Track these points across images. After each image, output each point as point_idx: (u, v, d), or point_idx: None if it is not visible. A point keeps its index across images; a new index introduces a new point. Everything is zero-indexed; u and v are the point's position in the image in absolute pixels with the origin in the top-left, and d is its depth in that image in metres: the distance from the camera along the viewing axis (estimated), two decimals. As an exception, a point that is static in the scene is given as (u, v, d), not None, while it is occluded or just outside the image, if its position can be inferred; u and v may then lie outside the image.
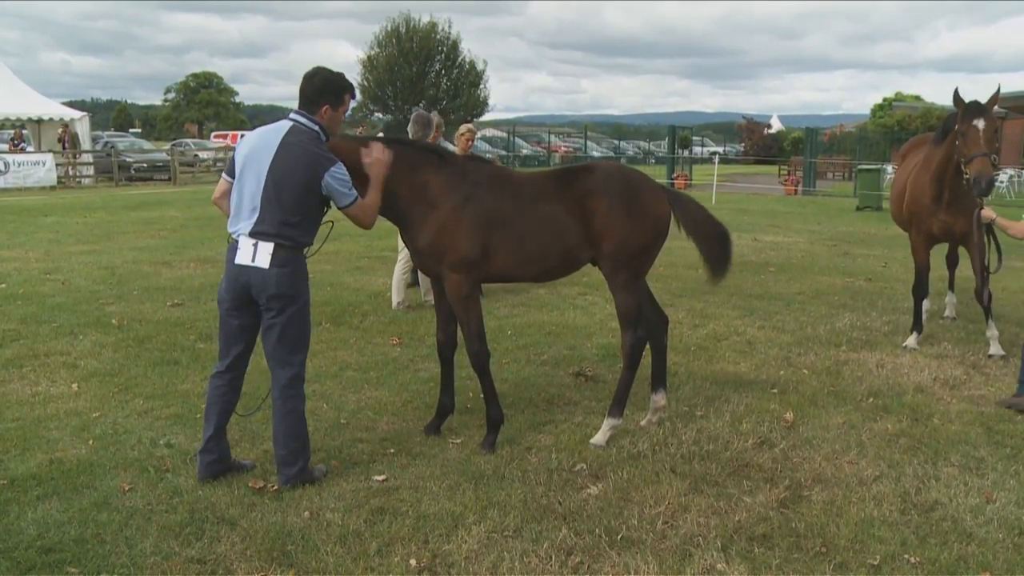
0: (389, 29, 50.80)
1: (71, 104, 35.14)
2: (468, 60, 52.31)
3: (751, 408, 5.62)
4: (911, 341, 7.30)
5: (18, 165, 25.33)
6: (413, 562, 3.60)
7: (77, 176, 28.28)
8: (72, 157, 28.08)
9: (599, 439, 4.98)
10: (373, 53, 50.93)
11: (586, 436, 5.06)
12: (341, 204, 4.23)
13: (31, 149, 27.99)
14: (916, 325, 7.40)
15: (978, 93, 6.22)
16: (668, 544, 3.80)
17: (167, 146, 39.59)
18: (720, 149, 56.81)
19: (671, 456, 4.79)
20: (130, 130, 66.87)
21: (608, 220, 4.80)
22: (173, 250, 12.67)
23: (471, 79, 52.26)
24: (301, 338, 4.29)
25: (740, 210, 21.21)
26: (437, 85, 51.31)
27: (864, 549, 3.79)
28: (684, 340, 7.38)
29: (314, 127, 4.25)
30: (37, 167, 25.69)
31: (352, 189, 4.24)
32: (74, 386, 5.94)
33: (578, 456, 4.77)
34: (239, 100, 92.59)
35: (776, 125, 63.08)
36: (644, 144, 60.38)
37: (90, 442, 4.89)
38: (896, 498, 4.31)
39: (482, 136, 45.40)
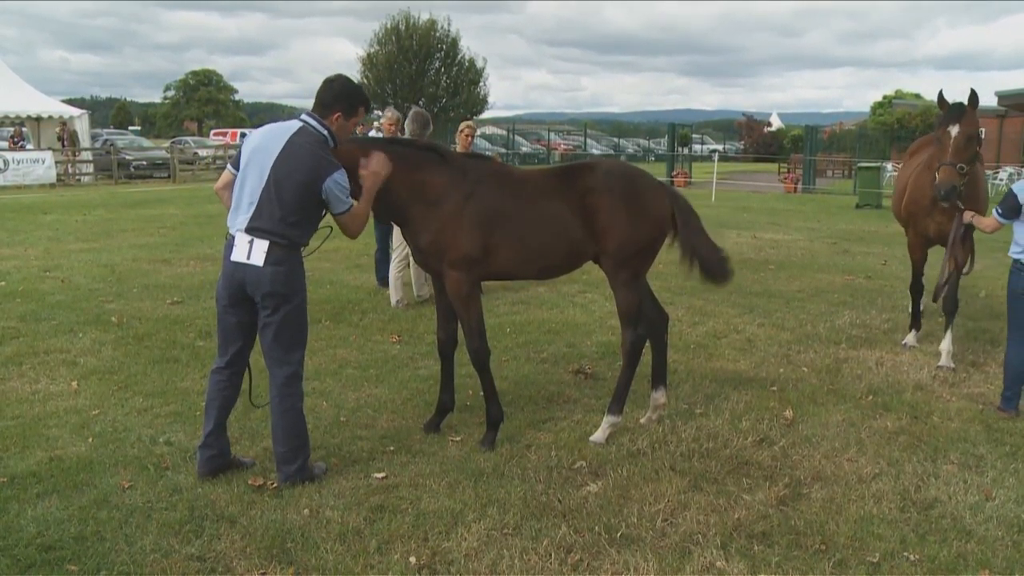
0: (388, 27, 50.74)
1: (71, 102, 35.15)
2: (468, 58, 52.27)
3: (751, 406, 5.62)
4: (910, 339, 7.33)
5: (17, 163, 25.28)
6: (413, 560, 3.60)
7: (76, 174, 28.24)
8: (71, 155, 28.05)
9: (599, 437, 4.98)
10: (372, 51, 50.86)
11: (586, 434, 5.06)
12: (336, 211, 4.24)
13: (30, 147, 27.96)
14: (914, 323, 7.43)
15: (979, 91, 6.19)
16: (668, 542, 3.81)
17: (166, 144, 39.57)
18: (720, 147, 56.81)
19: (671, 454, 4.79)
20: (129, 128, 66.80)
21: (610, 218, 4.80)
22: (172, 248, 12.67)
23: (471, 77, 52.21)
24: (298, 337, 4.28)
25: (740, 208, 21.22)
26: (437, 83, 51.26)
27: (863, 547, 3.79)
28: (684, 338, 7.38)
29: (323, 131, 4.25)
30: (36, 165, 25.65)
31: (349, 197, 4.25)
32: (74, 384, 5.94)
33: (578, 454, 4.77)
34: (238, 98, 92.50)
35: (776, 123, 63.11)
36: (644, 142, 60.32)
37: (90, 440, 4.90)
38: (895, 496, 4.31)
39: (482, 134, 45.36)
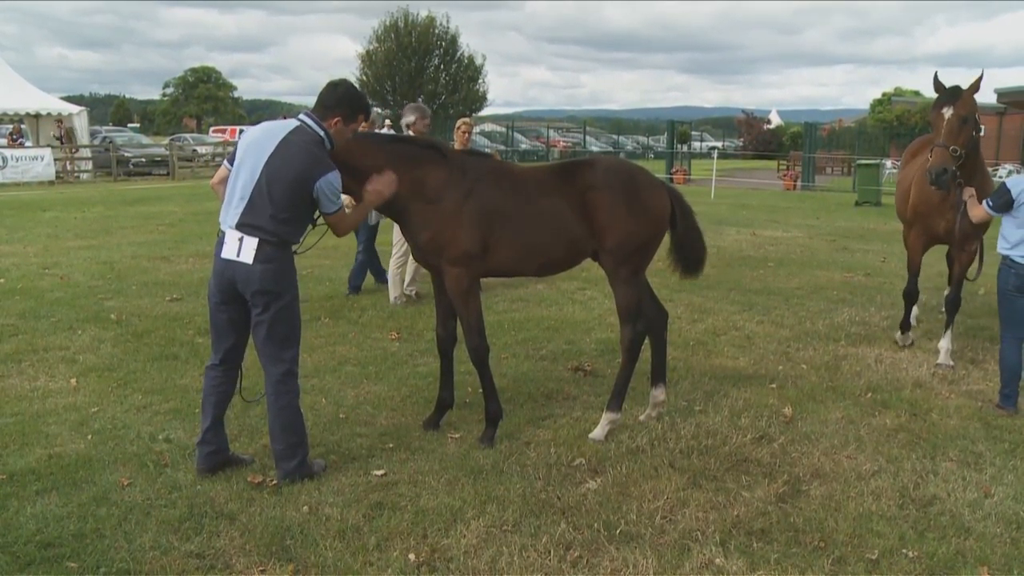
0: (388, 24, 50.72)
1: (70, 99, 35.01)
2: (467, 55, 52.25)
3: (750, 403, 5.63)
4: (900, 337, 7.29)
5: (16, 160, 25.25)
6: (412, 556, 3.60)
7: (75, 171, 28.20)
8: (69, 152, 27.99)
9: (598, 434, 4.98)
10: (372, 48, 50.83)
11: (585, 431, 5.06)
12: (325, 211, 4.24)
13: (29, 144, 27.92)
14: (905, 324, 7.37)
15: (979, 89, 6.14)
16: (667, 538, 3.81)
17: (166, 141, 39.47)
18: (719, 144, 56.76)
19: (670, 451, 4.79)
20: (128, 125, 66.66)
21: (610, 215, 4.80)
22: (172, 245, 12.66)
23: (470, 74, 52.18)
24: (290, 334, 4.25)
25: (739, 205, 21.21)
26: (436, 80, 51.23)
27: (862, 543, 3.80)
28: (683, 335, 7.38)
29: (320, 132, 4.23)
30: (35, 162, 25.62)
31: (340, 199, 4.25)
32: (73, 381, 5.94)
33: (577, 451, 4.77)
34: (237, 95, 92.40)
35: (775, 120, 63.09)
36: (643, 139, 60.28)
37: (89, 437, 4.90)
38: (894, 493, 4.32)
39: (481, 131, 45.29)
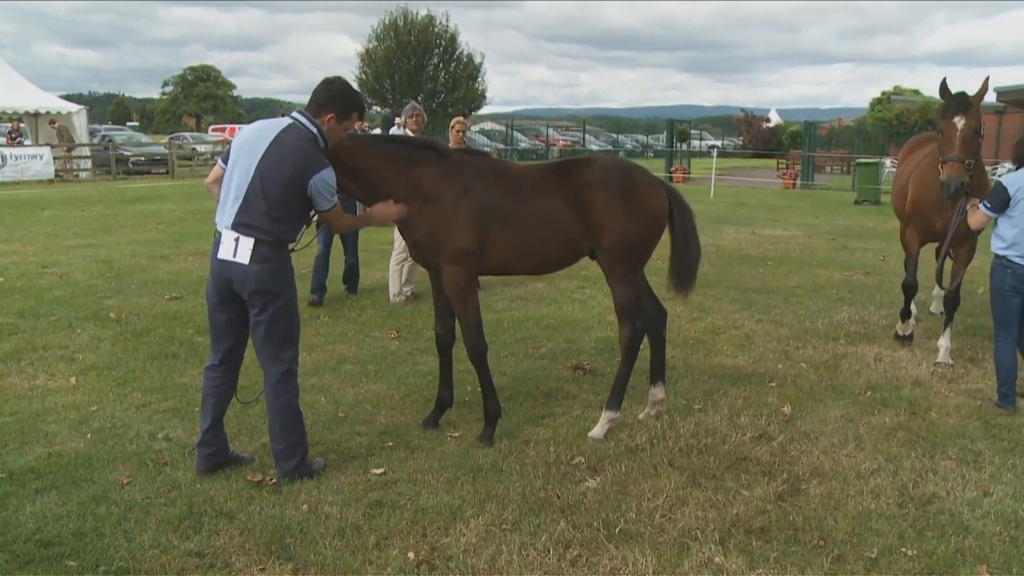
0: (387, 22, 50.69)
1: (69, 97, 34.95)
2: (466, 53, 52.22)
3: (749, 401, 5.63)
4: (902, 328, 7.28)
5: (15, 159, 25.23)
6: (411, 555, 3.61)
7: (74, 170, 28.17)
8: (65, 151, 27.88)
9: (597, 432, 4.98)
10: (371, 46, 50.81)
11: (584, 429, 5.07)
12: (320, 208, 4.22)
13: (28, 143, 27.89)
14: (905, 313, 7.35)
15: (977, 86, 6.14)
16: (666, 537, 3.81)
17: (165, 139, 39.45)
18: (718, 143, 56.75)
19: (669, 449, 4.80)
20: (128, 123, 66.64)
21: (606, 213, 4.80)
22: (171, 244, 12.65)
23: (469, 72, 52.16)
24: (288, 334, 4.24)
25: (738, 204, 21.22)
26: (435, 78, 51.21)
27: (862, 542, 3.80)
28: (682, 333, 7.38)
29: (312, 129, 4.21)
30: (34, 160, 25.60)
31: (335, 196, 4.22)
32: (72, 380, 5.93)
33: (576, 449, 4.77)
34: (237, 93, 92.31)
35: (774, 119, 63.08)
36: (642, 138, 60.27)
37: (88, 435, 4.90)
38: (894, 491, 4.32)
39: (480, 130, 45.26)
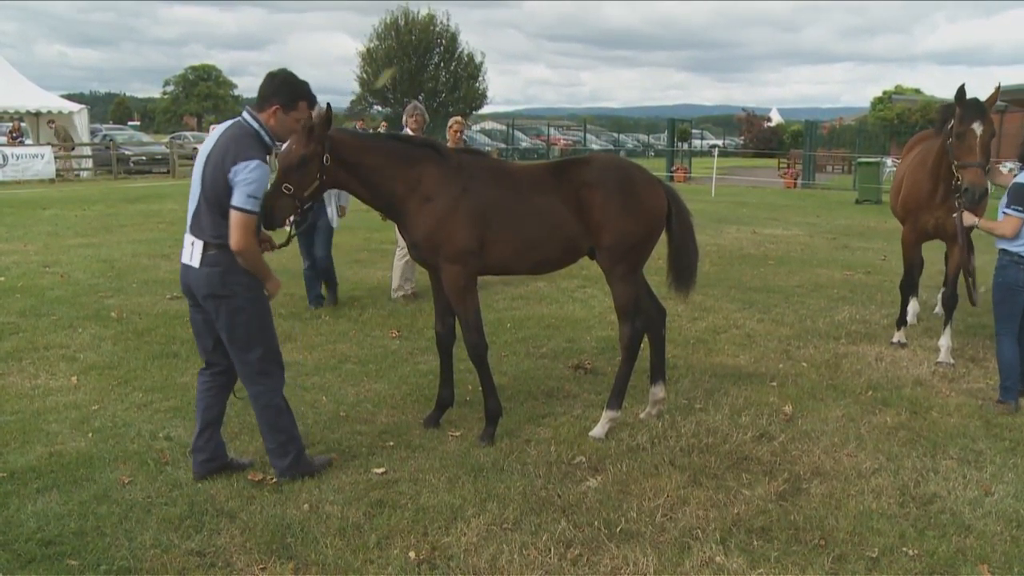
0: (388, 21, 50.65)
1: (70, 97, 34.95)
2: (467, 53, 52.19)
3: (750, 401, 5.63)
4: (898, 336, 7.26)
5: (16, 158, 25.24)
6: (412, 554, 3.61)
7: (75, 169, 28.17)
8: (62, 151, 27.84)
9: (598, 432, 4.99)
10: (372, 46, 50.79)
11: (585, 429, 5.07)
12: (234, 202, 3.92)
13: (30, 142, 27.89)
14: (901, 320, 7.37)
15: (978, 86, 6.16)
16: (667, 537, 3.81)
17: (166, 139, 39.46)
18: (719, 142, 56.75)
19: (670, 449, 4.79)
20: (129, 123, 66.71)
21: (605, 212, 4.80)
22: (172, 243, 12.64)
23: (470, 71, 52.12)
24: (250, 336, 4.13)
25: (739, 203, 21.21)
26: (436, 78, 51.17)
27: (863, 542, 3.80)
28: (683, 333, 7.38)
29: (254, 124, 4.08)
30: (36, 160, 25.61)
31: (256, 201, 3.93)
32: (73, 379, 5.94)
33: (577, 449, 4.77)
34: (238, 93, 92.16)
35: (775, 118, 63.04)
36: (643, 137, 60.29)
37: (89, 435, 4.90)
38: (895, 491, 4.32)
39: (481, 129, 45.27)
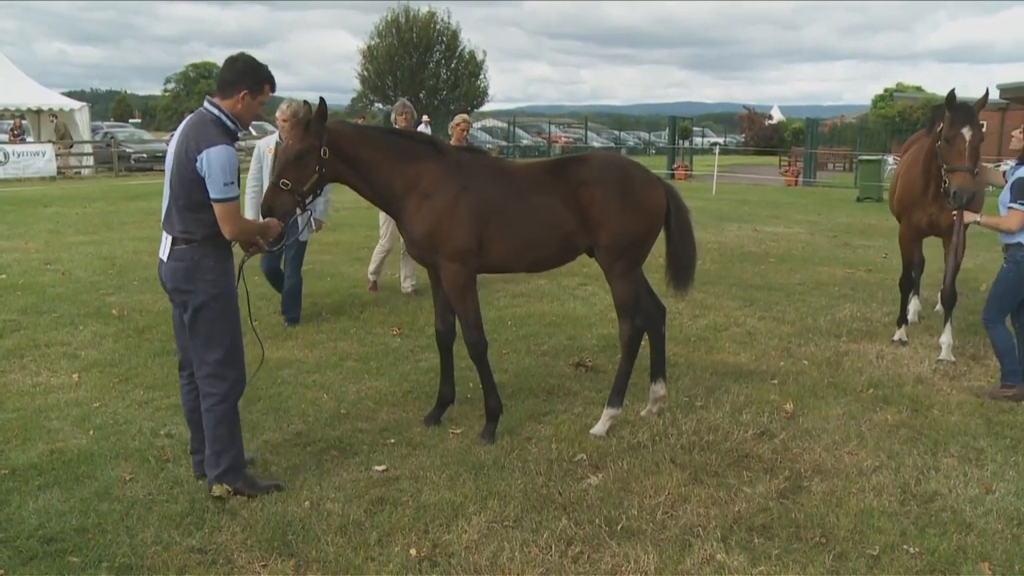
0: (389, 19, 50.68)
1: (71, 94, 34.94)
2: (467, 50, 52.18)
3: (751, 399, 5.63)
4: (899, 334, 7.25)
5: (17, 156, 25.23)
6: (413, 552, 3.61)
7: (76, 166, 28.16)
8: (62, 148, 27.80)
9: (599, 429, 4.99)
10: (373, 43, 50.80)
11: (586, 426, 5.07)
12: (212, 194, 3.79)
13: (30, 139, 27.88)
14: (901, 318, 7.37)
15: (980, 84, 6.17)
16: (668, 534, 3.81)
17: (167, 136, 39.35)
18: (720, 140, 56.69)
19: (671, 446, 4.80)
20: (130, 120, 66.63)
21: (603, 210, 4.80)
22: (173, 241, 12.65)
23: (471, 69, 52.13)
24: (212, 336, 3.99)
25: (740, 201, 21.19)
26: (437, 75, 51.20)
27: (863, 540, 3.80)
28: (684, 330, 7.38)
29: (214, 111, 3.92)
30: (36, 157, 25.60)
31: (234, 187, 3.81)
32: (75, 376, 5.94)
33: (578, 446, 4.78)
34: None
35: (776, 116, 62.93)
36: (644, 135, 60.26)
37: (91, 432, 4.90)
38: (896, 489, 4.32)
39: (482, 127, 45.25)
